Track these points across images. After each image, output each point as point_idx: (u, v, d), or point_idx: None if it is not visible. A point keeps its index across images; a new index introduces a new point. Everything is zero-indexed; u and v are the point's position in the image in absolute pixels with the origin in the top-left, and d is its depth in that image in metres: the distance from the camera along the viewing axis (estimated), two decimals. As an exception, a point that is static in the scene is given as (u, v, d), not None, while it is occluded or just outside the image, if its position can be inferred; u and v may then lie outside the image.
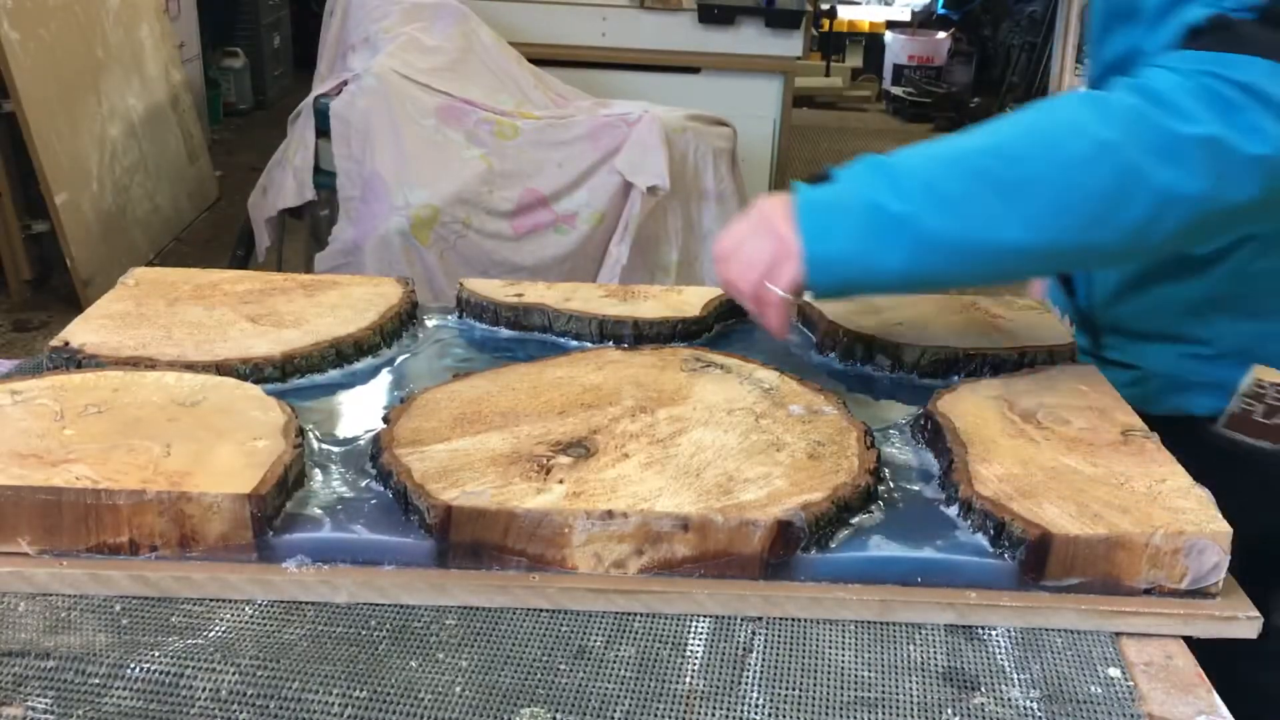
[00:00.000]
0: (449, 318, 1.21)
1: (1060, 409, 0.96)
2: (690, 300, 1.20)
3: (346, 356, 1.08)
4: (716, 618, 0.79)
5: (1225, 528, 0.79)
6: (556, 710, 0.70)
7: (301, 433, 0.90)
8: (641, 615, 0.79)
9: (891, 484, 0.90)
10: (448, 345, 1.15)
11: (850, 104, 7.94)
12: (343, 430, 0.96)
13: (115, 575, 0.80)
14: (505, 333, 1.17)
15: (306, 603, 0.79)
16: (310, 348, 1.05)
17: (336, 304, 1.15)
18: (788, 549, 0.80)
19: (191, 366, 1.00)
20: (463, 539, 0.80)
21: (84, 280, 3.74)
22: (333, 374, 1.06)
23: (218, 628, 0.77)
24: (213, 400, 0.93)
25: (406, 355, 1.12)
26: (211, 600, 0.79)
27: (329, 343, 1.06)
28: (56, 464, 0.82)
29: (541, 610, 0.79)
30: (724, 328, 1.21)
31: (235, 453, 0.84)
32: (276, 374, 1.03)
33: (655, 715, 0.70)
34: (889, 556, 0.81)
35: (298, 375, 1.04)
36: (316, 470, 0.89)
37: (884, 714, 0.71)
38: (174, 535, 0.80)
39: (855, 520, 0.84)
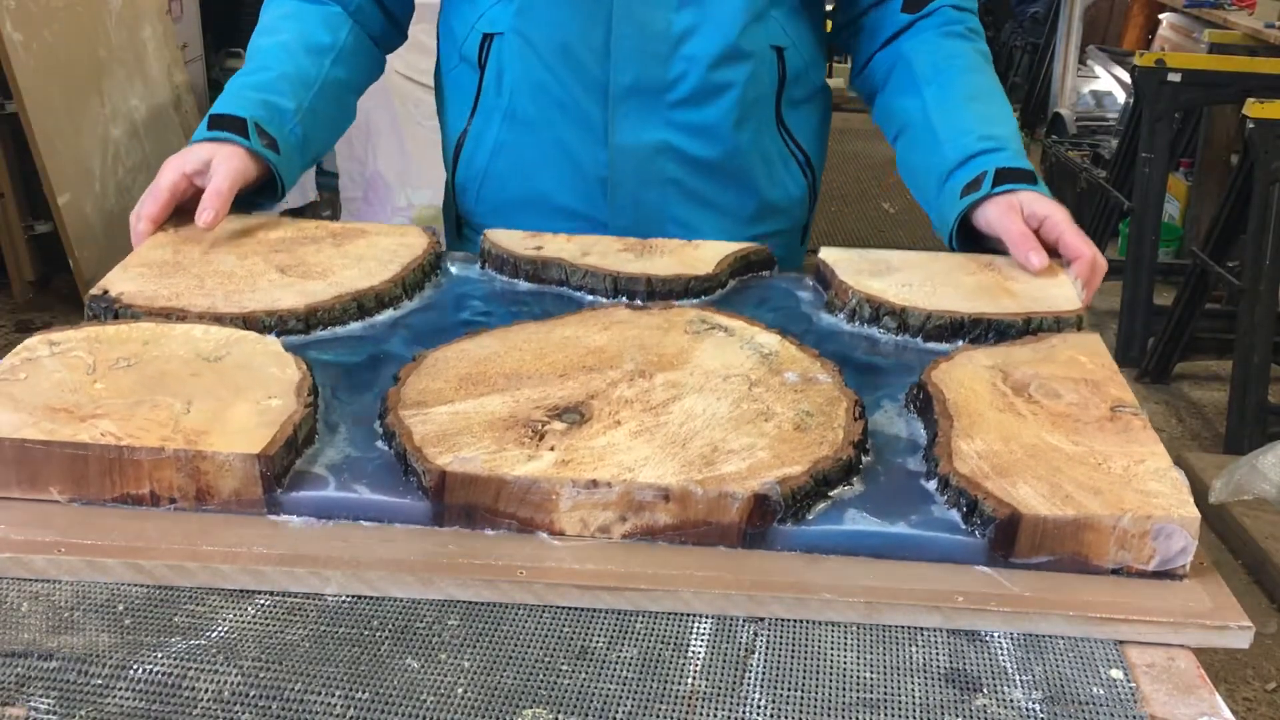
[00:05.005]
0: (472, 268, 1.23)
1: (1054, 381, 0.97)
2: (705, 256, 1.20)
3: (368, 309, 1.11)
4: (718, 618, 0.79)
5: (1194, 513, 0.80)
6: (559, 711, 0.70)
7: (315, 391, 0.94)
8: (644, 616, 0.79)
9: (877, 455, 0.91)
10: (466, 298, 1.17)
11: (853, 106, 7.93)
12: (357, 386, 1.00)
13: (110, 563, 0.81)
14: (524, 285, 1.19)
15: (308, 603, 0.80)
16: (333, 300, 1.09)
17: (363, 255, 1.17)
18: (764, 520, 0.82)
19: (220, 319, 1.04)
20: (456, 501, 0.84)
21: (87, 281, 3.75)
22: (354, 326, 1.09)
23: (220, 628, 0.77)
24: (235, 355, 0.97)
25: (425, 308, 1.15)
26: (213, 600, 0.80)
27: (351, 296, 1.10)
28: (85, 419, 0.87)
29: (543, 611, 0.80)
30: (739, 282, 1.21)
31: (250, 411, 0.89)
32: (300, 326, 1.07)
33: (657, 716, 0.70)
34: (862, 530, 0.83)
35: (320, 327, 1.08)
36: (328, 427, 0.93)
37: (886, 715, 0.71)
38: (191, 489, 0.85)
39: (834, 492, 0.86)
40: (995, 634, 0.78)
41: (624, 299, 1.14)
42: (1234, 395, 3.38)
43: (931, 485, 0.87)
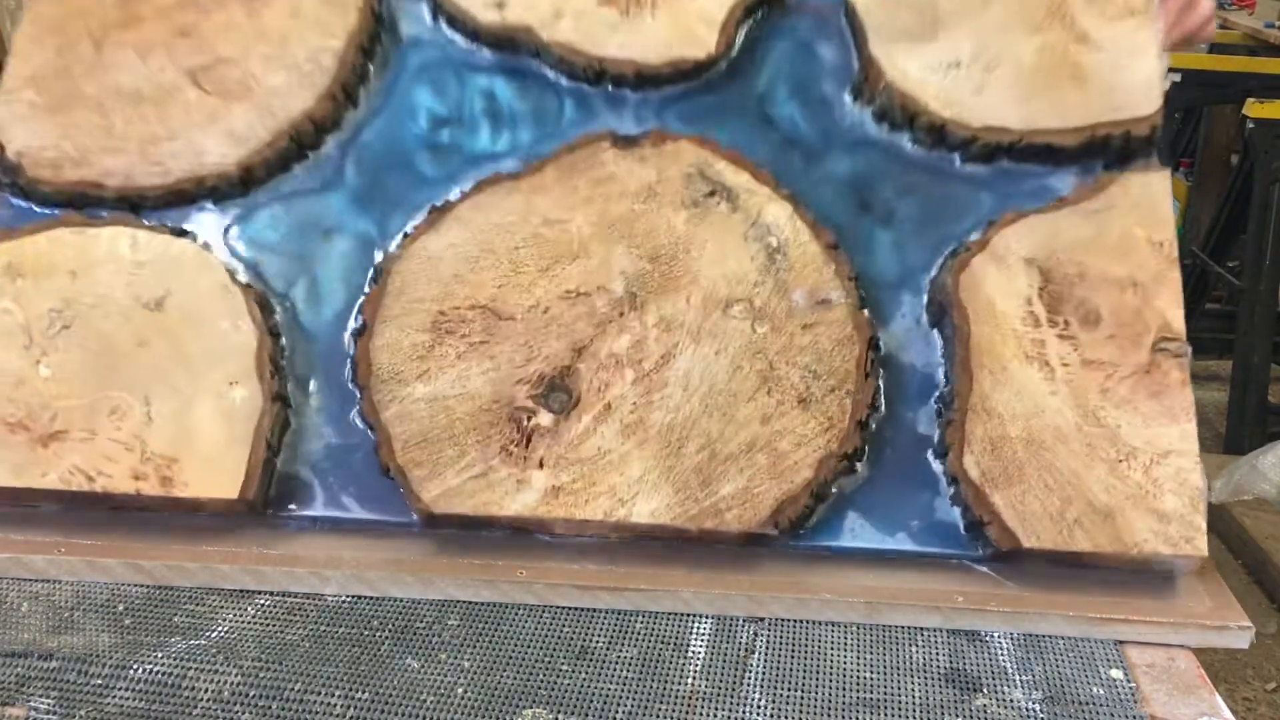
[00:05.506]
0: (422, 23, 1.00)
1: (1098, 291, 0.84)
2: (706, 9, 0.95)
3: (307, 143, 0.94)
4: (718, 618, 0.79)
5: (1200, 550, 0.78)
6: (558, 711, 0.70)
7: (278, 362, 0.87)
8: (644, 616, 0.79)
9: (888, 408, 0.85)
10: (418, 88, 0.97)
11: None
12: (317, 297, 0.90)
13: (110, 563, 0.82)
14: (487, 55, 0.97)
15: (308, 603, 0.80)
16: (267, 147, 0.92)
17: (286, 32, 0.97)
18: (761, 542, 0.82)
19: (144, 197, 0.92)
20: (449, 524, 0.83)
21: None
22: (297, 173, 0.94)
23: (220, 628, 0.77)
24: (177, 298, 0.87)
25: (373, 116, 0.96)
26: (213, 600, 0.80)
27: (287, 130, 0.93)
28: (46, 441, 0.84)
29: (543, 611, 0.79)
30: (754, 30, 0.97)
31: (214, 412, 0.84)
32: (238, 189, 0.94)
33: (657, 716, 0.70)
34: (862, 548, 0.83)
35: (258, 185, 0.94)
36: (299, 385, 0.88)
37: (886, 715, 0.71)
38: (177, 508, 0.85)
39: (836, 485, 0.84)
40: (995, 634, 0.78)
41: (609, 87, 0.95)
42: (1234, 395, 3.38)
43: (939, 468, 0.84)
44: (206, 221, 0.93)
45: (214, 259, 0.89)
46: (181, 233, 0.92)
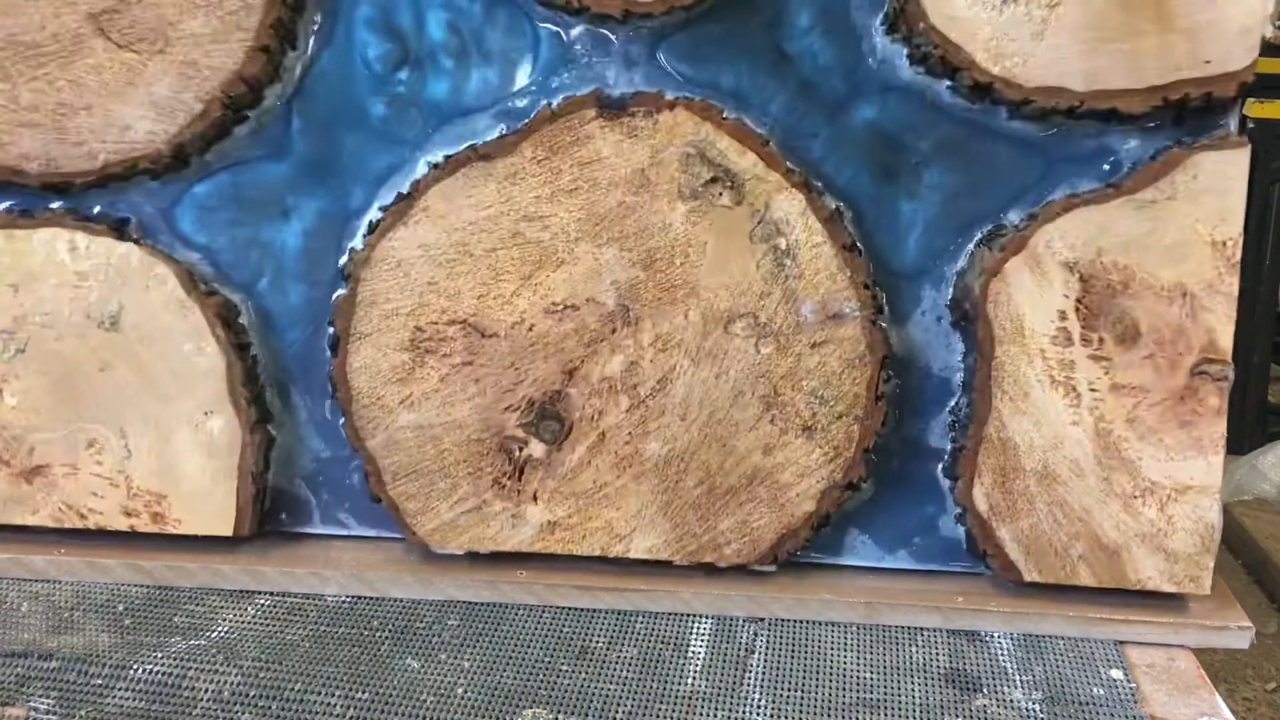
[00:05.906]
0: None
1: (1141, 302, 0.75)
2: None
3: (242, 103, 0.81)
4: (718, 618, 0.79)
5: (1204, 589, 0.78)
6: (559, 711, 0.70)
7: (252, 383, 0.83)
8: (643, 616, 0.79)
9: (899, 418, 0.82)
10: (365, 11, 0.82)
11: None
12: (280, 289, 0.84)
13: (110, 564, 0.82)
14: None
15: (308, 603, 0.80)
16: (198, 120, 0.80)
17: None
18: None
19: (70, 182, 0.81)
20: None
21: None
22: (240, 136, 0.82)
23: (220, 628, 0.77)
24: (132, 316, 0.81)
25: (318, 61, 0.82)
26: (213, 600, 0.80)
27: (219, 96, 0.80)
28: (30, 476, 0.83)
29: (543, 611, 0.79)
30: None
31: (194, 449, 0.82)
32: (174, 166, 0.82)
33: (657, 716, 0.70)
34: (859, 566, 0.83)
35: (197, 154, 0.83)
36: (278, 393, 0.85)
37: (886, 715, 0.71)
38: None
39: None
40: (995, 634, 0.78)
41: (592, 26, 0.80)
42: (1234, 395, 3.39)
43: (946, 485, 0.82)
44: (146, 201, 0.83)
45: (162, 267, 0.81)
46: (121, 225, 0.82)
